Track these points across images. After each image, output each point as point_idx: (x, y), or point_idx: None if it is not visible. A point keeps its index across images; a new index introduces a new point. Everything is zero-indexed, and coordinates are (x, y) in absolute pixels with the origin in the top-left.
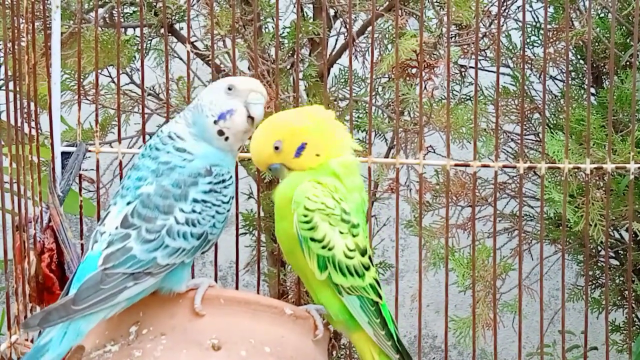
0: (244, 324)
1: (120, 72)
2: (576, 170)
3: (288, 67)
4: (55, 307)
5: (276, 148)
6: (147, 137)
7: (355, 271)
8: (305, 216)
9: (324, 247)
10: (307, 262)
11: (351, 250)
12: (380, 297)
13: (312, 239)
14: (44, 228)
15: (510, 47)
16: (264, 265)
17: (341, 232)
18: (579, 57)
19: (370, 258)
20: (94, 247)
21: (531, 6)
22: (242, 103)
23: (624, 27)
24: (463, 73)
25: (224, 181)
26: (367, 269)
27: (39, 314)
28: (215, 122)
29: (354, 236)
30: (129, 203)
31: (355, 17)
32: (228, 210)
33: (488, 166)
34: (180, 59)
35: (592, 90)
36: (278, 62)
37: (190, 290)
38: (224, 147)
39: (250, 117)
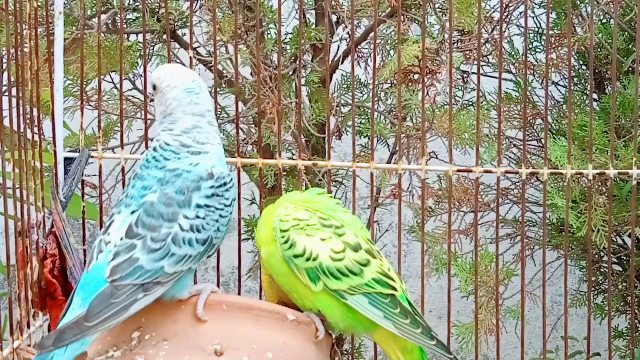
0: (246, 330)
1: (123, 78)
2: (579, 176)
3: (290, 73)
4: (69, 326)
5: None
6: (149, 142)
7: (349, 271)
8: (283, 237)
9: (308, 260)
10: (300, 279)
11: (339, 252)
12: (395, 289)
13: (295, 256)
14: (47, 234)
15: (513, 53)
16: None
17: (323, 239)
18: (581, 63)
19: (371, 252)
20: (99, 256)
21: (534, 12)
22: None
23: (626, 33)
24: (465, 79)
25: (225, 184)
26: (365, 265)
27: (53, 333)
28: None
29: (340, 236)
30: (133, 212)
31: (357, 24)
32: (231, 213)
33: (491, 172)
34: (183, 65)
35: (595, 96)
36: (281, 68)
37: (193, 296)
38: None
39: None
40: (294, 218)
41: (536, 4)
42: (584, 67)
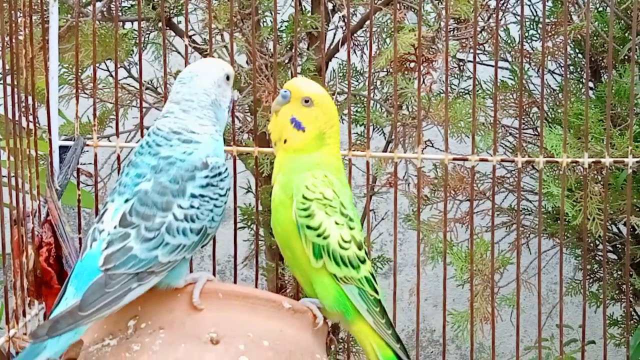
0: (242, 318)
1: (118, 66)
2: (574, 164)
3: (286, 61)
4: (63, 315)
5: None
6: (145, 130)
7: (349, 262)
8: (303, 204)
9: (319, 236)
10: (304, 248)
11: (346, 242)
12: (377, 292)
13: (309, 227)
14: (42, 222)
15: (509, 41)
16: (262, 259)
17: (337, 223)
18: (577, 51)
19: (366, 253)
20: (92, 245)
21: (529, 0)
22: (230, 88)
23: (622, 21)
24: (461, 67)
25: (220, 174)
26: (363, 262)
27: (46, 323)
28: (227, 112)
29: (350, 229)
30: (127, 200)
31: (353, 11)
32: (225, 203)
33: (486, 160)
34: (178, 52)
35: (591, 84)
36: (276, 56)
37: (189, 284)
38: (222, 132)
39: None
40: (320, 192)
41: None
42: (579, 55)
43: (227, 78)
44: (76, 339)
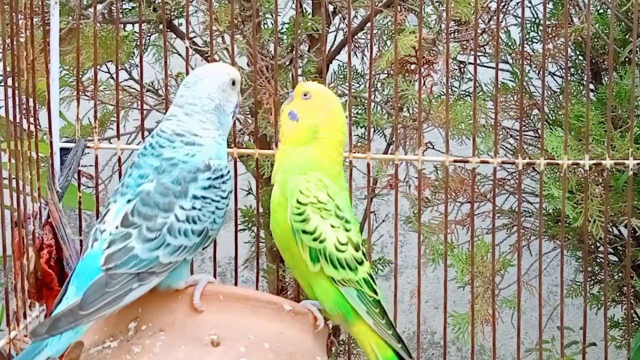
0: (243, 320)
1: (119, 68)
2: (575, 166)
3: (287, 63)
4: (63, 314)
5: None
6: (146, 133)
7: (347, 264)
8: (298, 209)
9: (315, 240)
10: (301, 253)
11: (343, 244)
12: (376, 293)
13: (304, 231)
14: (43, 224)
15: (510, 43)
16: (263, 261)
17: (333, 226)
18: (578, 53)
19: (364, 254)
20: (94, 245)
21: (530, 2)
22: (236, 93)
23: (623, 23)
24: (462, 69)
25: (222, 176)
26: (361, 263)
27: (47, 321)
28: (232, 117)
29: (347, 231)
30: (129, 201)
31: (354, 13)
32: (227, 205)
33: (487, 162)
34: (179, 55)
35: (591, 86)
36: (277, 58)
37: (189, 286)
38: (225, 136)
39: None
40: (314, 196)
41: None
42: (580, 57)
43: (233, 83)
44: (76, 339)
